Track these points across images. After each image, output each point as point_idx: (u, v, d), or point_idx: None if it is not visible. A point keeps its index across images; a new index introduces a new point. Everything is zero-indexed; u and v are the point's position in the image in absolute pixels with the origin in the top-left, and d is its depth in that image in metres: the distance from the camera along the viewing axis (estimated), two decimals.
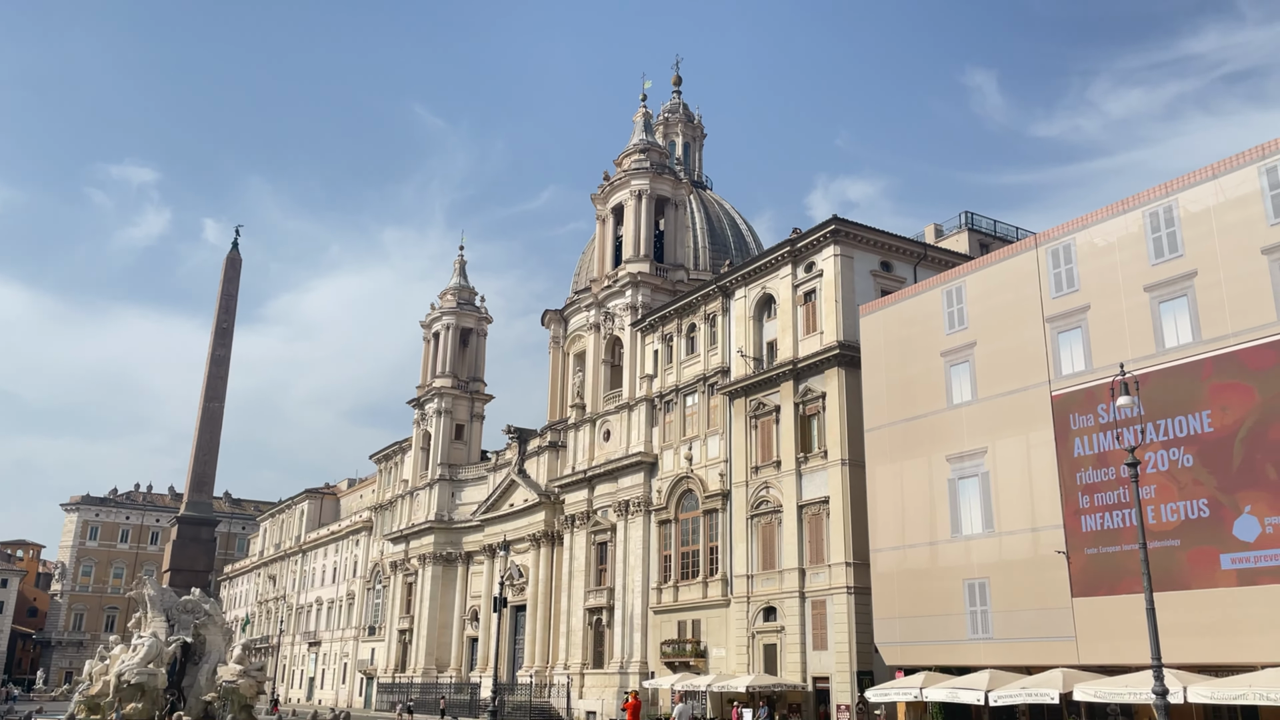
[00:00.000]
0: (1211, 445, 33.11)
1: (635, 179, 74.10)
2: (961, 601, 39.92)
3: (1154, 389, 34.22)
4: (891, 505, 44.03)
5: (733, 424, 56.88)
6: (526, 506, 78.84)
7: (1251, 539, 31.67)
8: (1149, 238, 35.96)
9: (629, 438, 67.17)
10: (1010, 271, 40.92)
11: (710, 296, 61.32)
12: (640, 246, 72.26)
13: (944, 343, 42.99)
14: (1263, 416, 32.09)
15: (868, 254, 52.89)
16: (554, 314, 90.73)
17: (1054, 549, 36.98)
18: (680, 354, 63.92)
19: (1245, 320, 32.92)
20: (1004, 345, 40.34)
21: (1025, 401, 39.01)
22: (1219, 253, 33.95)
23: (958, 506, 41.06)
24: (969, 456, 40.91)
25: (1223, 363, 33.25)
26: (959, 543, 40.76)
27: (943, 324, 43.26)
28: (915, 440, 43.35)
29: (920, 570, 42.07)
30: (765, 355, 56.58)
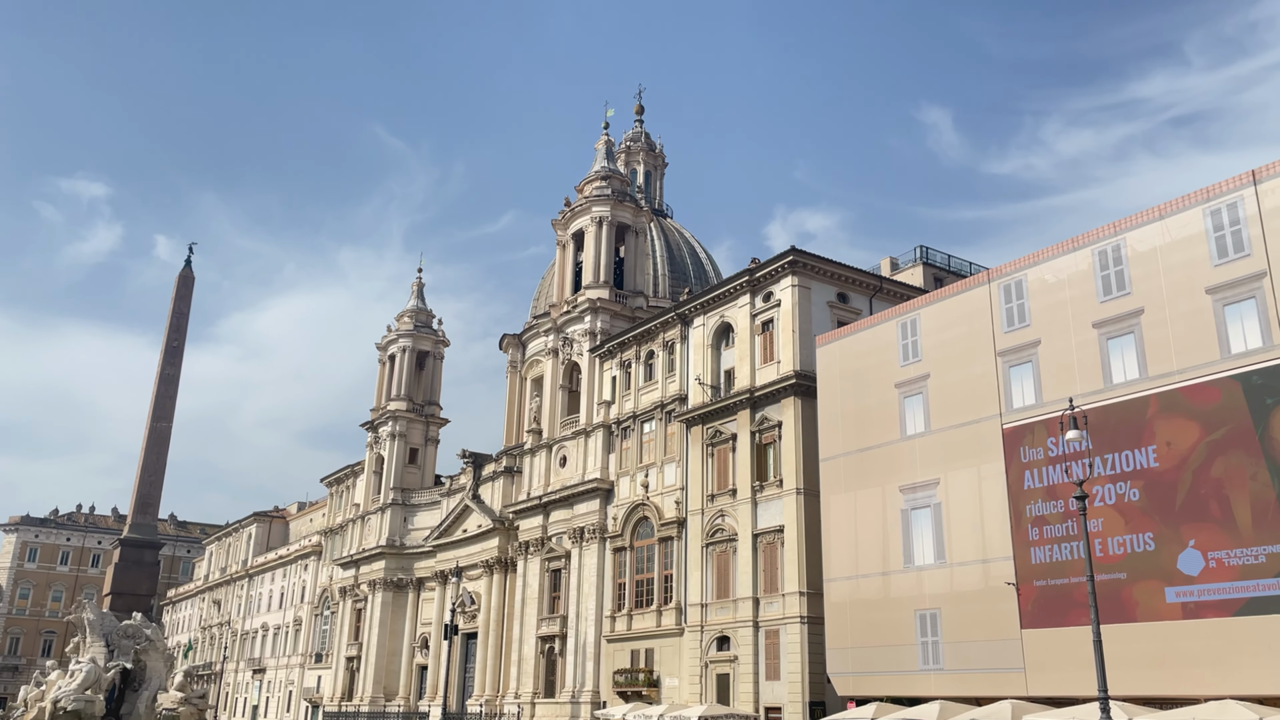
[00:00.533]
0: (1157, 480, 33.70)
1: (596, 205, 74.28)
2: (913, 632, 40.06)
3: (1102, 424, 34.82)
4: (845, 535, 44.16)
5: (689, 451, 56.84)
6: (480, 532, 77.99)
7: (1195, 573, 32.21)
8: (1098, 275, 36.74)
9: (585, 464, 66.85)
10: (964, 305, 41.49)
11: (669, 324, 61.43)
12: (600, 273, 72.31)
13: (898, 374, 43.41)
14: (1207, 453, 32.74)
15: (825, 285, 53.35)
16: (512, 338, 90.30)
17: (1004, 580, 37.31)
18: (638, 381, 63.85)
19: (1190, 358, 33.67)
20: (957, 378, 40.82)
21: (977, 434, 39.46)
22: (1165, 291, 34.75)
23: (910, 537, 41.30)
24: (922, 487, 41.24)
25: (1168, 399, 33.94)
26: (911, 573, 40.95)
27: (897, 356, 43.70)
28: (869, 470, 43.61)
29: (873, 600, 42.19)
30: (723, 383, 56.71)
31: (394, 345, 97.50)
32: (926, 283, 63.79)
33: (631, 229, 75.57)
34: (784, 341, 52.00)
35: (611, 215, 74.06)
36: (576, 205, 75.69)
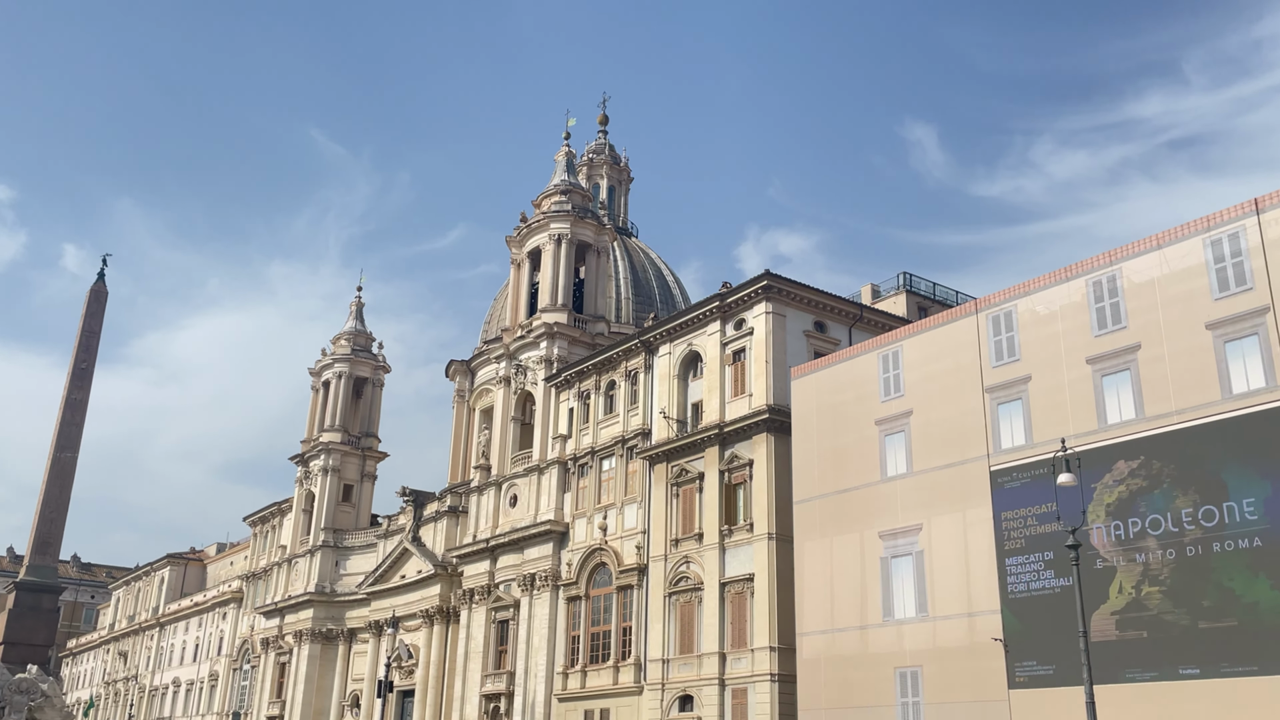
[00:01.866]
0: None
1: (555, 222, 74.41)
2: (892, 692, 40.00)
3: (1097, 466, 35.22)
4: (820, 585, 44.13)
5: (652, 492, 56.69)
6: (420, 579, 77.09)
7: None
8: (1092, 308, 37.32)
9: (538, 504, 66.45)
10: (949, 337, 41.92)
11: (632, 352, 61.47)
12: (558, 295, 72.31)
13: (879, 410, 43.67)
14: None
15: (801, 313, 53.70)
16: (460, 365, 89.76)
17: (990, 636, 37.45)
18: (598, 413, 63.71)
19: (1189, 398, 34.20)
20: (942, 415, 41.14)
21: (963, 476, 39.72)
22: (1163, 326, 35.33)
23: (890, 587, 41.35)
24: (903, 533, 41.38)
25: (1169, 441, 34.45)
26: (891, 627, 40.97)
27: (878, 390, 43.98)
28: (847, 514, 43.71)
29: (849, 656, 42.13)
30: (690, 417, 56.72)
31: (329, 371, 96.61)
32: (910, 312, 64.45)
33: (593, 248, 75.72)
34: (756, 373, 52.16)
35: (571, 233, 74.19)
36: (533, 221, 75.74)
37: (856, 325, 55.13)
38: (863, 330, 54.69)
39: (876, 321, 55.82)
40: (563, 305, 71.98)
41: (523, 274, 76.52)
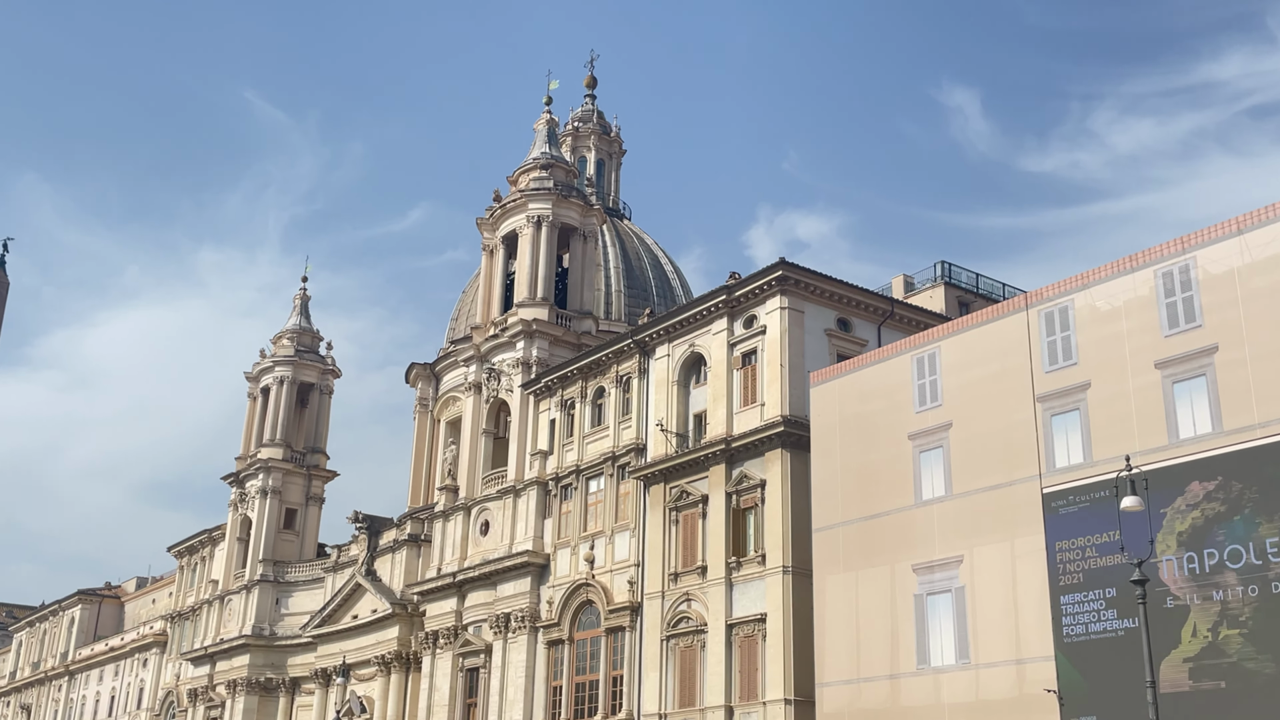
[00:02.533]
0: None
1: (534, 201, 74.57)
2: None
3: (1167, 488, 35.34)
4: (844, 627, 44.25)
5: (648, 518, 56.78)
6: (375, 619, 77.10)
7: None
8: (1161, 303, 37.50)
9: (514, 532, 66.57)
10: (995, 337, 42.09)
11: (625, 354, 61.60)
12: (538, 287, 72.46)
13: (913, 422, 43.81)
14: None
15: (822, 308, 53.91)
16: (423, 369, 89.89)
17: (1043, 687, 37.57)
18: (584, 426, 63.84)
19: (1275, 408, 34.32)
20: (986, 428, 41.30)
21: (1011, 499, 39.86)
22: (1244, 324, 35.44)
23: (926, 630, 41.47)
24: (941, 567, 41.50)
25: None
26: (927, 676, 41.07)
27: (912, 399, 44.12)
28: (876, 544, 43.83)
29: (878, 711, 42.19)
30: (692, 430, 56.87)
31: (268, 375, 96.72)
32: (949, 307, 64.76)
33: (579, 232, 75.88)
34: (770, 379, 52.32)
35: (553, 214, 74.37)
36: (509, 200, 75.88)
37: (887, 323, 55.38)
38: (894, 329, 54.92)
39: (910, 319, 56.10)
40: (543, 299, 72.11)
41: (496, 262, 76.64)
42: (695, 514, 54.05)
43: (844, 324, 54.43)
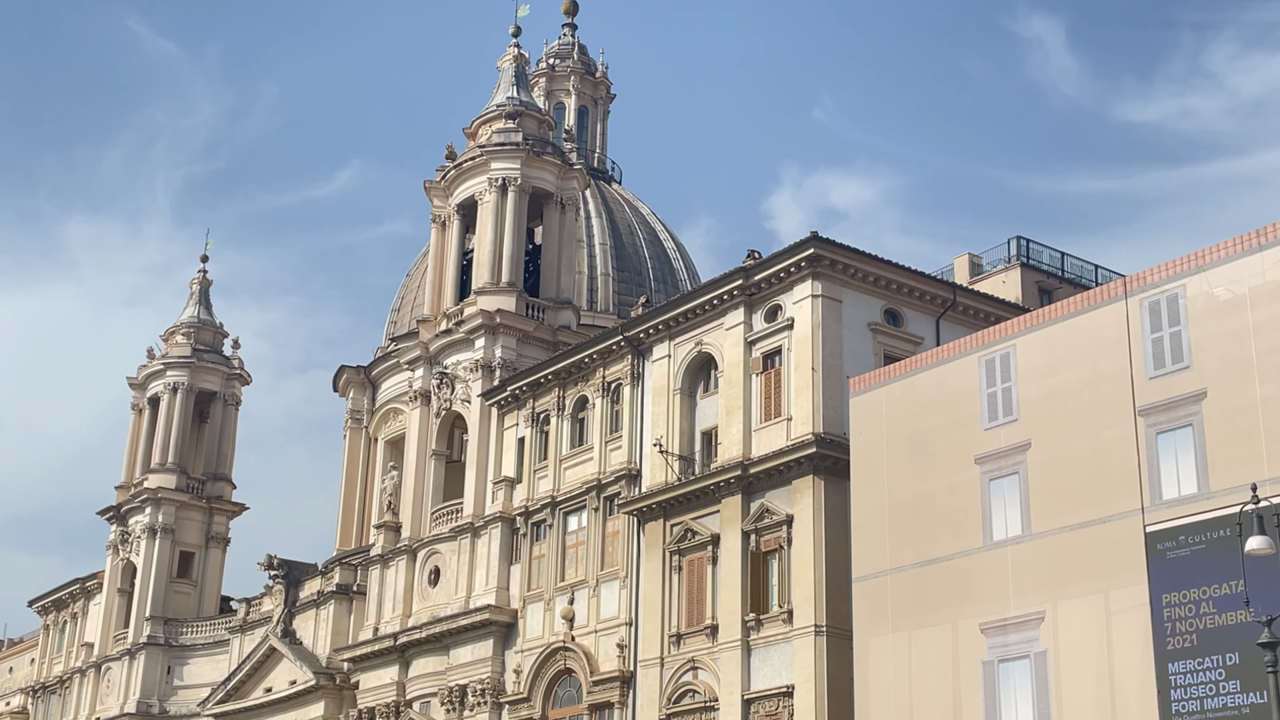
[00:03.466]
0: None
1: (498, 160, 74.45)
2: None
3: None
4: (893, 701, 44.05)
5: (643, 563, 56.71)
6: (294, 692, 76.89)
7: None
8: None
9: (471, 582, 66.50)
10: (1085, 334, 41.93)
11: (613, 355, 61.51)
12: (502, 269, 72.34)
13: (981, 442, 43.61)
14: None
15: (865, 297, 53.83)
16: (355, 374, 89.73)
17: None
18: (561, 446, 63.72)
19: None
20: (1074, 449, 41.11)
21: (1105, 540, 39.66)
22: None
23: (998, 707, 41.28)
24: (1016, 626, 41.33)
25: None
26: None
27: (980, 412, 43.93)
28: (933, 597, 43.66)
29: None
30: (699, 453, 56.78)
31: (158, 381, 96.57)
32: (1026, 295, 64.65)
33: (555, 199, 75.80)
34: (799, 386, 52.22)
35: (522, 176, 74.25)
36: (466, 158, 75.80)
37: (947, 316, 55.41)
38: (956, 323, 54.96)
39: (977, 310, 56.22)
40: (509, 284, 71.98)
41: (449, 237, 76.54)
42: (703, 559, 53.89)
43: (893, 317, 54.33)
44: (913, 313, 54.82)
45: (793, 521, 50.68)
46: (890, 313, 54.34)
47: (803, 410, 51.73)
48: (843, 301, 53.08)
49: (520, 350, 70.68)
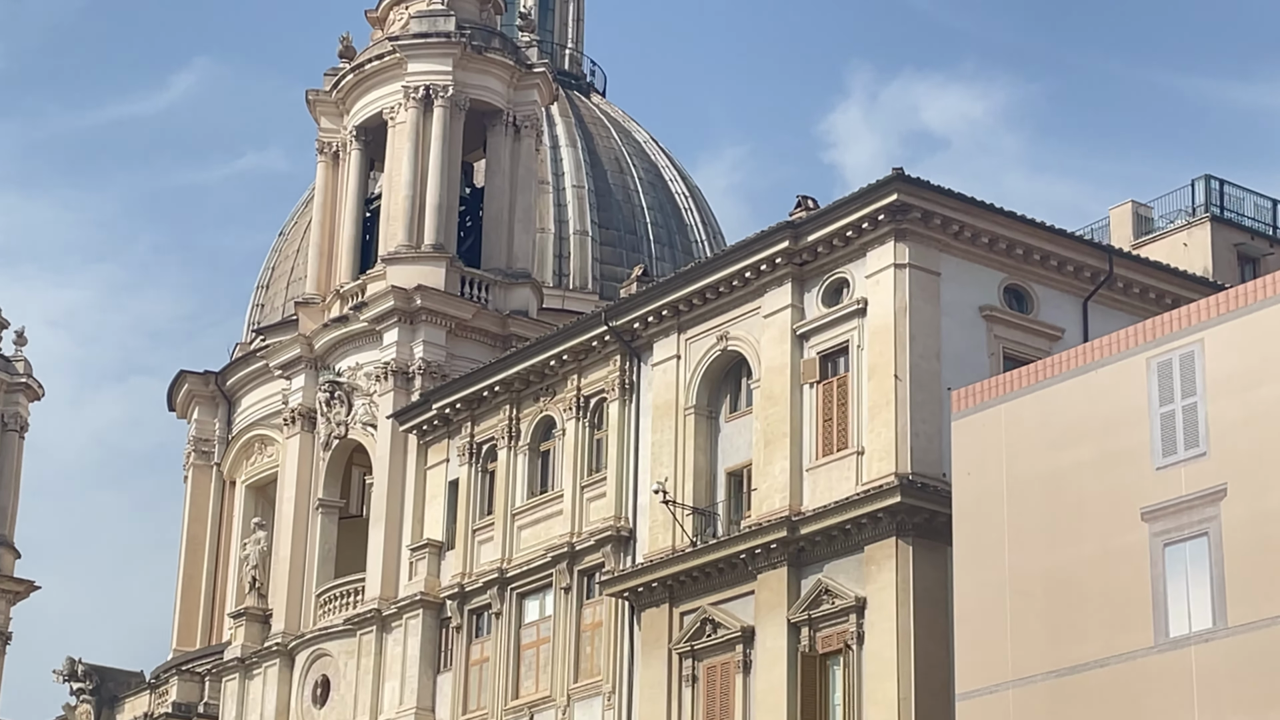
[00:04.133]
0: None
1: (420, 58, 74.65)
2: None
3: None
4: None
5: (639, 670, 57.01)
6: None
7: None
8: None
9: (378, 698, 66.93)
10: None
11: (594, 355, 61.78)
12: (425, 225, 72.45)
13: (1151, 487, 43.50)
14: None
15: (974, 267, 53.92)
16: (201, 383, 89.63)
17: None
18: (516, 493, 63.92)
19: None
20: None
21: None
22: None
23: None
24: None
25: None
26: None
27: (1150, 443, 43.86)
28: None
29: None
30: (724, 503, 56.86)
31: None
32: (1220, 265, 64.40)
33: (504, 118, 75.94)
34: (875, 402, 52.23)
35: (456, 83, 74.37)
36: (369, 56, 76.21)
37: (1101, 295, 55.60)
38: (1112, 305, 55.36)
39: (1146, 287, 56.28)
40: (435, 248, 72.11)
41: (344, 176, 76.97)
42: (730, 664, 54.00)
43: (1018, 297, 54.44)
44: (1048, 291, 54.88)
45: (865, 608, 50.57)
46: (1014, 291, 54.39)
47: (881, 439, 51.69)
48: (941, 274, 53.10)
49: (452, 348, 70.82)
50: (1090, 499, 44.78)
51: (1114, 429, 44.74)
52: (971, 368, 51.62)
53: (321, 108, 77.66)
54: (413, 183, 72.79)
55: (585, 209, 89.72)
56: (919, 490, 50.00)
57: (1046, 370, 47.63)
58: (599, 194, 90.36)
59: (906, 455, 50.88)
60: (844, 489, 52.01)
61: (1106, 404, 45.13)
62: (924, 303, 52.42)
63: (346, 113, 76.53)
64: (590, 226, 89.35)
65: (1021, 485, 46.31)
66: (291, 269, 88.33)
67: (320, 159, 77.80)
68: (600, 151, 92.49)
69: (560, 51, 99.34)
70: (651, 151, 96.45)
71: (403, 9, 76.43)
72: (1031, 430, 46.64)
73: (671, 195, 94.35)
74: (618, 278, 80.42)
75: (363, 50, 76.23)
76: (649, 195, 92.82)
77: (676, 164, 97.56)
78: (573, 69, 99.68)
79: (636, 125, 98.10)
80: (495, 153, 75.86)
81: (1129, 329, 47.08)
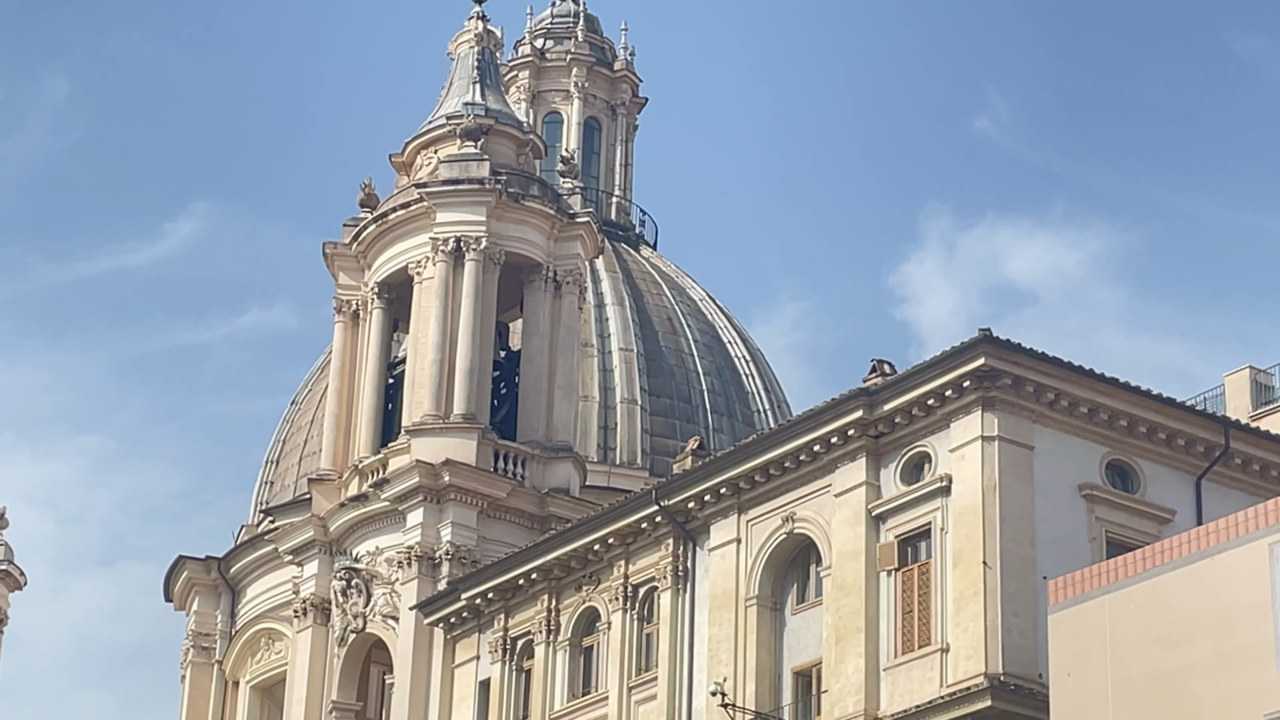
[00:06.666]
0: None
1: (450, 207, 75.22)
2: None
3: None
4: None
5: None
6: None
7: None
8: None
9: None
10: None
11: (644, 538, 61.75)
12: (454, 393, 72.61)
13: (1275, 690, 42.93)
14: None
15: (1072, 440, 53.81)
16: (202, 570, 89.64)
17: None
18: (555, 695, 63.62)
19: None
20: None
21: None
22: None
23: None
24: None
25: None
26: None
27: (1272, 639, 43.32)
28: None
29: None
30: (792, 707, 56.53)
31: None
32: None
33: (544, 274, 76.22)
34: (960, 594, 51.93)
35: (490, 234, 74.79)
36: (395, 205, 76.76)
37: (1215, 473, 55.36)
38: (1231, 485, 55.20)
39: (1267, 464, 56.08)
40: (466, 418, 72.22)
41: (365, 338, 77.33)
42: None
43: (1121, 474, 54.31)
44: (1156, 468, 54.66)
45: None
46: (1118, 468, 54.19)
47: (968, 636, 51.33)
48: (1035, 448, 52.99)
49: (484, 531, 70.79)
50: (1207, 704, 44.33)
51: (1233, 624, 44.32)
52: (1070, 554, 51.26)
53: (340, 262, 78.10)
54: (441, 345, 73.04)
55: (634, 375, 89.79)
56: (1012, 693, 49.64)
57: (1156, 557, 47.17)
58: (649, 358, 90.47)
59: (998, 653, 50.50)
60: (927, 691, 51.69)
61: (1224, 595, 44.72)
62: (1016, 480, 52.23)
63: (368, 267, 76.96)
64: (640, 394, 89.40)
65: (1128, 687, 45.84)
66: (305, 441, 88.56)
67: (338, 319, 78.15)
68: (651, 310, 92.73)
69: (606, 200, 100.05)
70: (708, 310, 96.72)
71: (431, 153, 77.01)
72: (1139, 625, 46.15)
73: (730, 359, 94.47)
74: (670, 452, 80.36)
75: (386, 198, 76.79)
76: (705, 359, 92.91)
77: (735, 323, 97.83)
78: (620, 218, 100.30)
79: (691, 281, 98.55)
80: (533, 312, 76.15)
81: (1248, 510, 46.69)
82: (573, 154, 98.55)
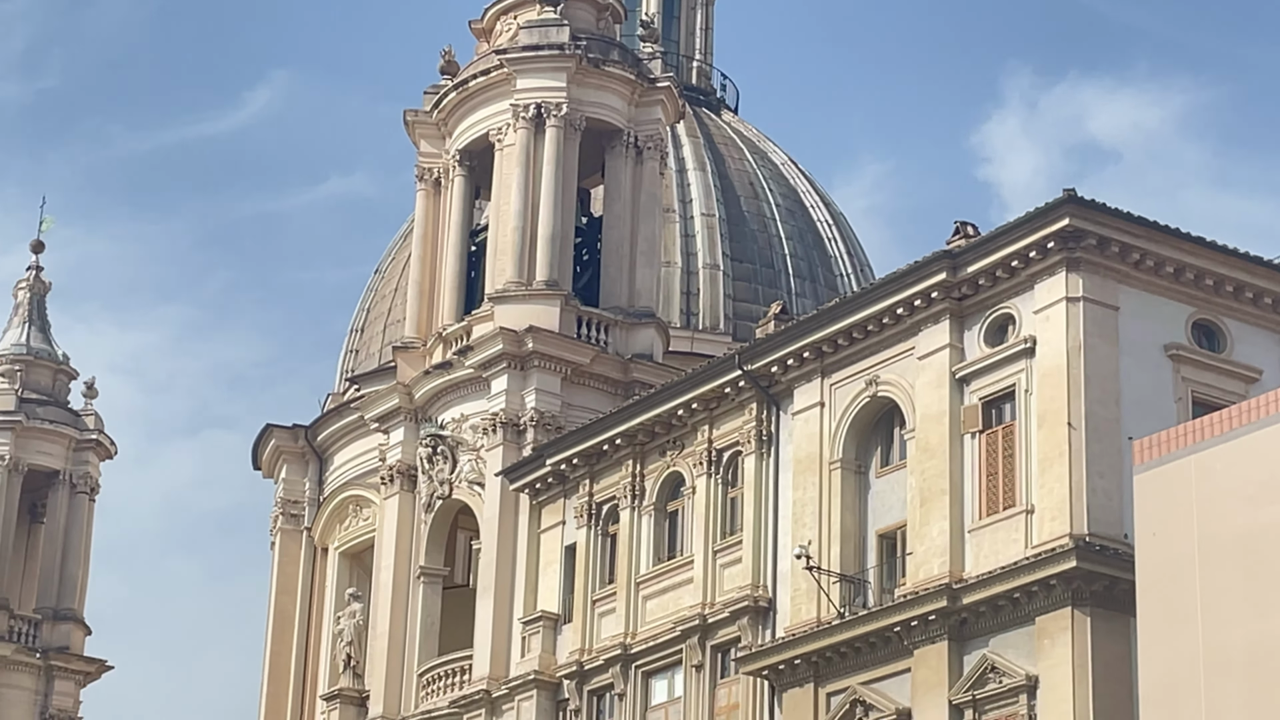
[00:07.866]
0: None
1: (531, 73, 74.91)
2: None
3: None
4: None
5: None
6: None
7: None
8: None
9: None
10: None
11: (727, 403, 61.76)
12: (537, 260, 72.51)
13: None
14: None
15: (1158, 300, 53.50)
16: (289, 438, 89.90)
17: None
18: (640, 559, 63.94)
19: None
20: None
21: None
22: None
23: None
24: None
25: None
26: None
27: None
28: None
29: None
30: (875, 569, 56.65)
31: None
32: None
33: (625, 139, 75.97)
34: (1045, 455, 51.79)
35: (571, 100, 74.43)
36: (475, 72, 76.61)
37: None
38: None
39: None
40: (549, 285, 72.14)
41: (446, 206, 77.41)
42: None
43: (1207, 333, 53.98)
44: (1243, 327, 54.37)
45: (1037, 687, 50.11)
46: (1204, 327, 53.91)
47: (1053, 496, 51.22)
48: (1120, 309, 52.68)
49: (568, 397, 70.97)
50: None
51: None
52: (1156, 414, 51.05)
53: (421, 129, 77.93)
54: (523, 212, 72.90)
55: (716, 240, 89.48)
56: (1097, 553, 49.51)
57: (1243, 416, 46.80)
58: (731, 223, 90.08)
59: (1083, 514, 50.37)
60: (1012, 553, 51.63)
61: None
62: (1101, 341, 51.95)
63: (449, 135, 76.78)
64: (722, 259, 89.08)
65: (1215, 547, 45.59)
66: (389, 310, 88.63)
67: (420, 187, 78.05)
68: (732, 175, 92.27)
69: (687, 64, 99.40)
70: (790, 174, 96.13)
71: (511, 19, 76.59)
72: (1226, 484, 45.86)
73: (813, 223, 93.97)
74: (753, 316, 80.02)
75: (466, 65, 76.45)
76: (787, 224, 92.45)
77: (818, 187, 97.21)
78: (700, 83, 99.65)
79: (772, 145, 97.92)
80: (615, 178, 75.91)
81: None
82: (653, 18, 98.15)
